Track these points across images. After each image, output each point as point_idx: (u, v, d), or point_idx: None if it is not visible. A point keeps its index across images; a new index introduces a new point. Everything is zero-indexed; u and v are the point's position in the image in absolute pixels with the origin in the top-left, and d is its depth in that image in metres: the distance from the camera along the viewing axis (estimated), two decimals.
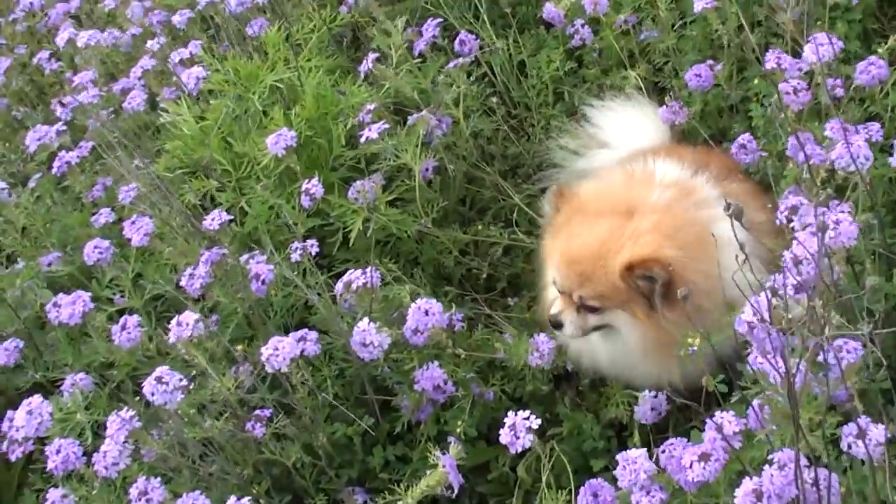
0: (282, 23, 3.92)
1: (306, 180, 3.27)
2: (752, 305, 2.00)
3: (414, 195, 3.49)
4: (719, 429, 2.39)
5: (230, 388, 2.95)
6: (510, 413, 2.53)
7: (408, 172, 3.52)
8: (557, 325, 2.85)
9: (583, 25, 3.81)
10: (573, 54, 3.96)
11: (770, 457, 2.16)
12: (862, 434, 2.12)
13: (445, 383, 2.99)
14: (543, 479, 2.63)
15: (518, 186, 3.82)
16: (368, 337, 2.91)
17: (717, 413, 2.39)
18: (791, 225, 2.51)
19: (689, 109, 3.40)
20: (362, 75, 3.70)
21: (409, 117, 3.49)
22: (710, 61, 3.38)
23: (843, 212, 2.40)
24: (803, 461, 2.09)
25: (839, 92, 2.93)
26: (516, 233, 3.66)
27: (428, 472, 2.59)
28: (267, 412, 2.97)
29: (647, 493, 2.50)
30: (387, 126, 3.28)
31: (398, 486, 2.59)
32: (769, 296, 2.00)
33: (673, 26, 3.68)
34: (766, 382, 2.17)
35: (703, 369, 2.45)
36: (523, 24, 4.18)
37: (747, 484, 2.19)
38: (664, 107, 3.41)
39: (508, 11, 4.10)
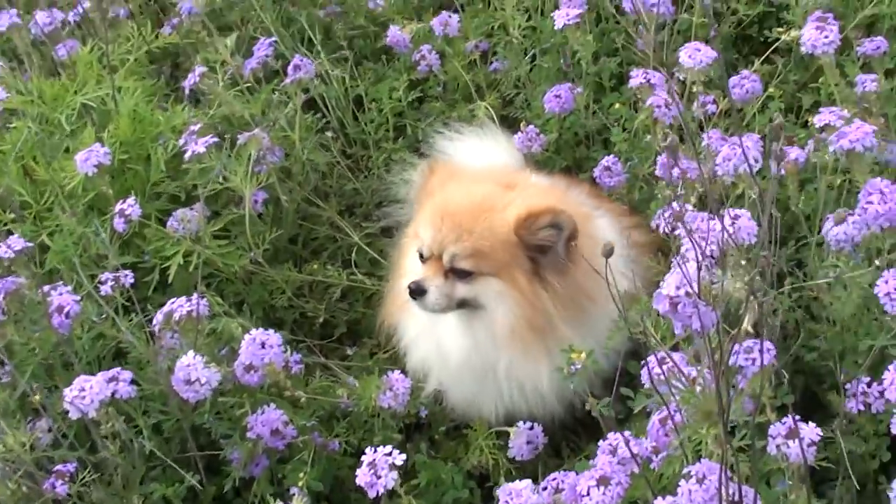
0: (95, 43, 3.50)
1: (121, 201, 2.84)
2: (680, 275, 1.70)
3: (243, 228, 3.11)
4: (613, 451, 2.10)
5: (24, 445, 2.49)
6: (368, 450, 2.18)
7: (236, 202, 3.14)
8: (420, 292, 2.46)
9: (430, 51, 3.54)
10: (417, 86, 3.67)
11: (686, 470, 1.87)
12: (794, 433, 1.85)
13: (286, 426, 2.58)
14: None
15: (357, 225, 3.48)
16: (194, 373, 2.49)
17: (611, 435, 2.10)
18: (676, 231, 2.27)
19: (546, 137, 3.16)
20: (187, 91, 3.29)
21: (238, 137, 3.10)
22: (568, 84, 3.15)
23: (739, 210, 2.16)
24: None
25: (711, 108, 2.74)
26: (356, 274, 3.31)
27: None
28: (70, 466, 2.49)
29: None
30: (216, 140, 2.90)
31: None
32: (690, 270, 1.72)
33: (525, 53, 3.46)
34: (670, 387, 1.87)
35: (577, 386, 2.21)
36: (361, 57, 3.88)
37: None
38: (519, 133, 3.15)
39: (344, 44, 3.79)
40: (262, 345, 2.50)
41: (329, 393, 2.82)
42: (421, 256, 2.53)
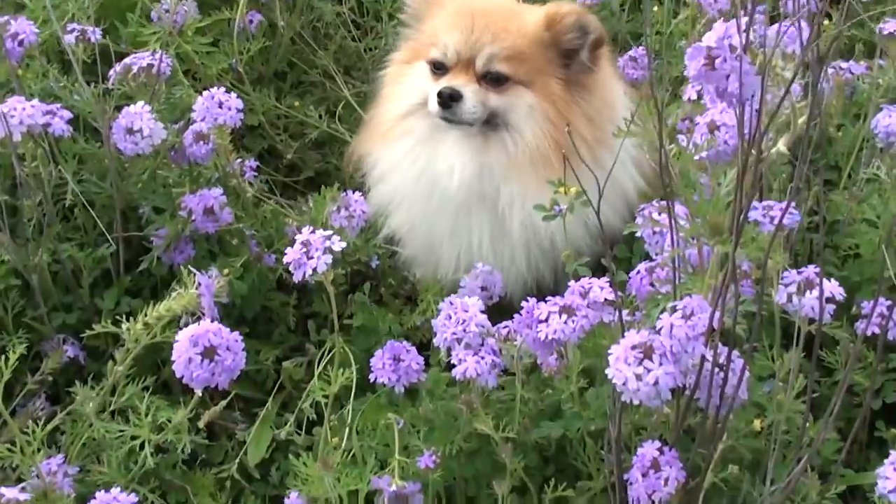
0: None
1: None
2: (724, 27, 1.46)
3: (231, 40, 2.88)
4: (584, 294, 1.86)
5: None
6: (304, 229, 1.93)
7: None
8: (455, 97, 2.23)
9: None
10: None
11: (672, 304, 1.63)
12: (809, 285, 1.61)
13: (222, 209, 2.33)
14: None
15: (350, 82, 3.25)
16: (138, 122, 2.25)
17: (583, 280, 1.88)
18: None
19: None
20: None
21: None
22: None
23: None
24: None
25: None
26: (337, 124, 3.07)
27: None
28: None
29: (475, 352, 1.92)
30: None
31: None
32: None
33: None
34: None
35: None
36: None
37: (631, 338, 1.63)
38: None
39: None
40: (220, 104, 2.26)
41: (278, 219, 2.60)
42: (439, 67, 2.32)
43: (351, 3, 3.37)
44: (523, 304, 1.91)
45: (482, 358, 1.87)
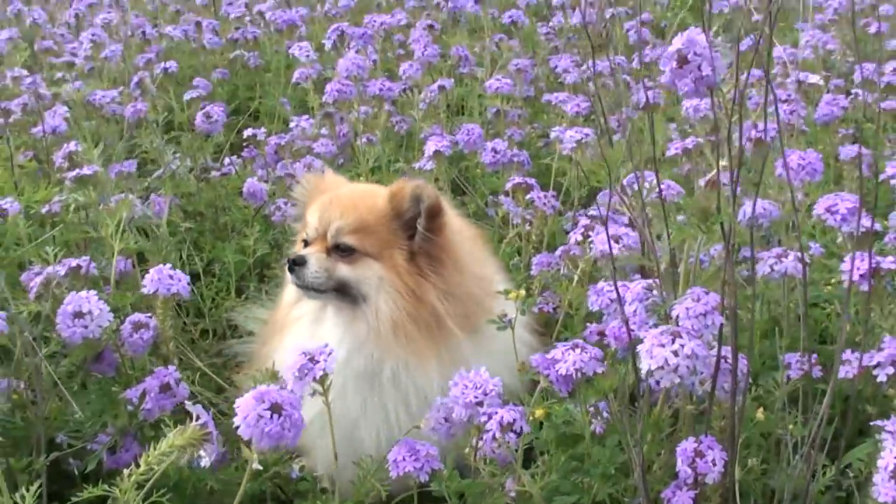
0: None
1: None
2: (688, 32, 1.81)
3: None
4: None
5: None
6: None
7: None
8: (300, 262, 2.34)
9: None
10: None
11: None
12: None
13: (177, 384, 2.31)
14: None
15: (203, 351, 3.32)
16: (87, 305, 2.27)
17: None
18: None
19: None
20: None
21: None
22: None
23: None
24: None
25: None
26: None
27: None
28: None
29: None
30: None
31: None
32: None
33: None
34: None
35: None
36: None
37: (654, 332, 1.84)
38: None
39: None
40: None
41: None
42: (306, 245, 2.46)
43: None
44: None
45: None
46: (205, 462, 1.86)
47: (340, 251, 2.39)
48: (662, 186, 2.16)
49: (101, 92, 4.24)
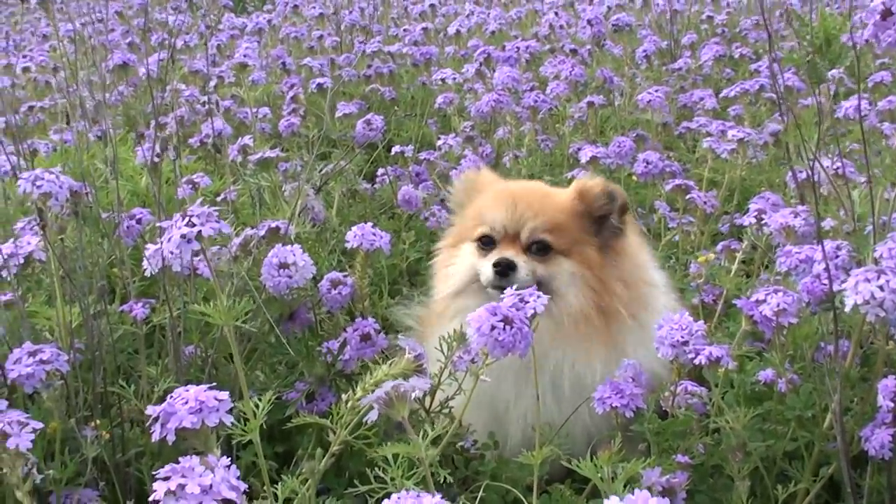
0: None
1: None
2: None
3: None
4: None
5: None
6: None
7: None
8: (510, 267, 2.38)
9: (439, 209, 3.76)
10: None
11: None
12: None
13: (377, 335, 2.42)
14: None
15: None
16: (291, 256, 2.40)
17: None
18: None
19: None
20: None
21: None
22: None
23: None
24: None
25: None
26: None
27: None
28: None
29: None
30: None
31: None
32: None
33: None
34: None
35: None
36: None
37: (858, 271, 1.90)
38: None
39: None
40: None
41: None
42: (487, 243, 2.52)
43: None
44: None
45: None
46: (417, 394, 1.95)
47: (536, 250, 2.45)
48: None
49: (254, 108, 4.44)
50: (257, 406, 1.83)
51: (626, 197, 2.55)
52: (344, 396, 1.92)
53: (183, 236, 1.80)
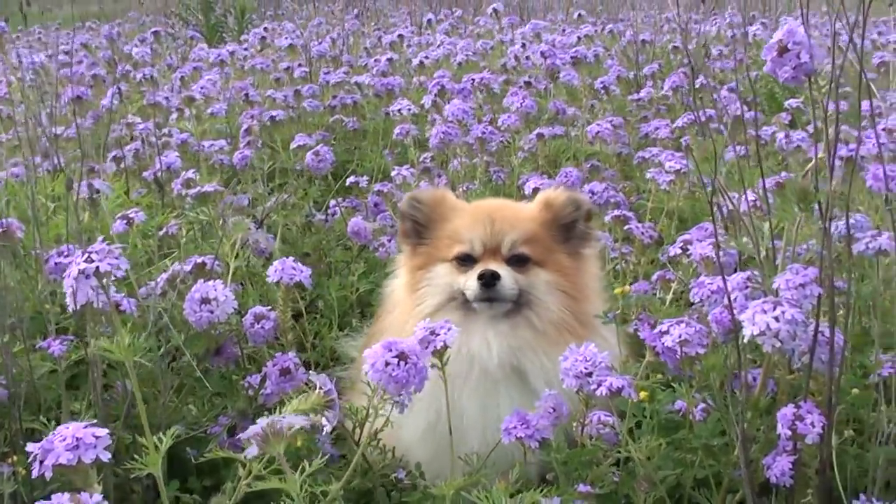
0: None
1: None
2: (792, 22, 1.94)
3: None
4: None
5: None
6: None
7: None
8: (495, 277, 2.43)
9: None
10: None
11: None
12: None
13: (297, 369, 2.44)
14: None
15: None
16: (212, 292, 2.42)
17: None
18: None
19: None
20: None
21: None
22: None
23: None
24: None
25: None
26: None
27: None
28: None
29: None
30: None
31: None
32: None
33: None
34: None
35: None
36: None
37: (755, 303, 1.93)
38: None
39: None
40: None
41: None
42: (466, 259, 2.54)
43: None
44: None
45: None
46: (327, 428, 1.96)
47: (516, 262, 2.51)
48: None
49: (208, 141, 4.47)
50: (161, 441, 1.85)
51: (591, 203, 2.65)
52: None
53: (81, 272, 1.83)
